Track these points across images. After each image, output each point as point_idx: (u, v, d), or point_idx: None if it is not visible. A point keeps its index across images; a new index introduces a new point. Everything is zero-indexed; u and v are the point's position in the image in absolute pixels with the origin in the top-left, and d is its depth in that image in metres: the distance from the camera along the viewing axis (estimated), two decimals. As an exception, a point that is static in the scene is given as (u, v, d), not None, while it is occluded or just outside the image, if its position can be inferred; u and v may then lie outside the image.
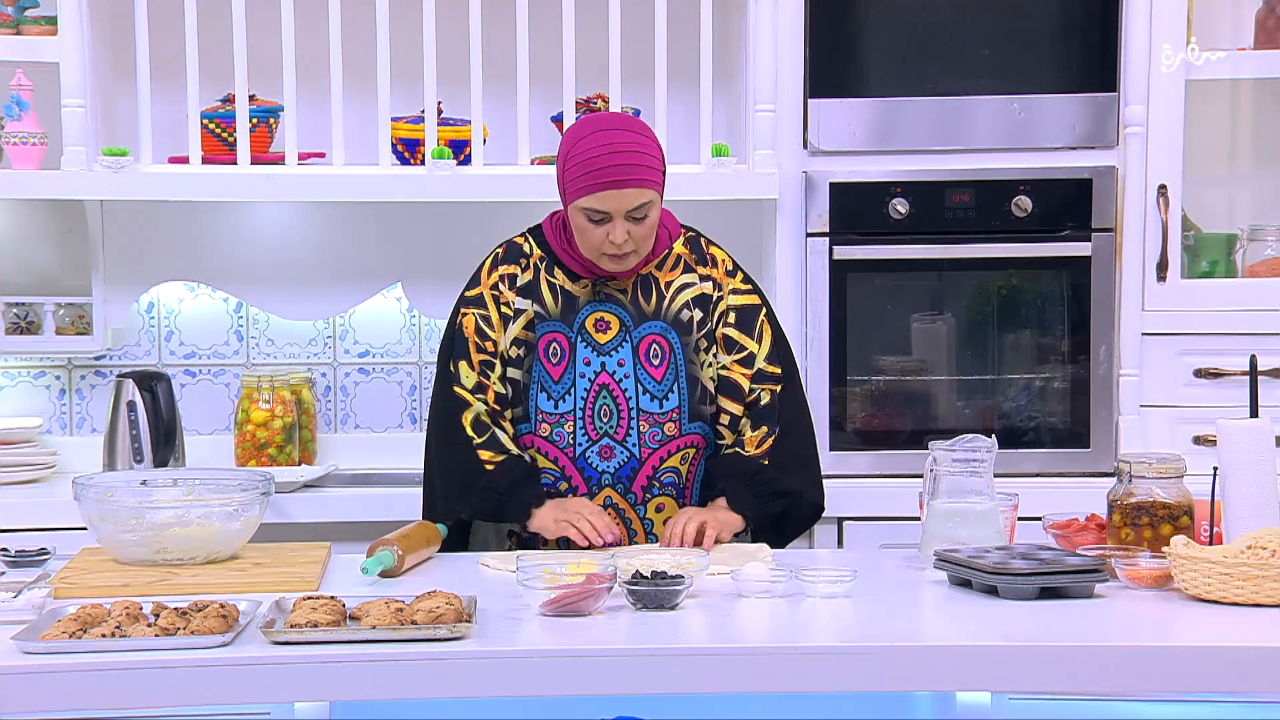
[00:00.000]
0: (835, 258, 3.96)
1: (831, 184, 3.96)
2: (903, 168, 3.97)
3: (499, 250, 3.26)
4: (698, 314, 3.22)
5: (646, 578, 2.60)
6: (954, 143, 3.97)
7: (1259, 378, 2.92)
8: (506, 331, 3.19)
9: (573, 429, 3.17)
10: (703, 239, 3.29)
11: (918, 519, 3.05)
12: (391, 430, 4.41)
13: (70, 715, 2.31)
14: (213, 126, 4.05)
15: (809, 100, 3.96)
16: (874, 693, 2.48)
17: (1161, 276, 3.96)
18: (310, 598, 2.49)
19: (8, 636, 2.38)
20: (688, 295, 3.22)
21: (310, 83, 4.09)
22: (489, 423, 3.17)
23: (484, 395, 3.18)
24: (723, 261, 3.27)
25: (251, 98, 4.05)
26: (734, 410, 3.23)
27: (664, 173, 3.13)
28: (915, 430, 3.97)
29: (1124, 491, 2.91)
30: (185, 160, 4.00)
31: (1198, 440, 3.92)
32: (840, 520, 3.85)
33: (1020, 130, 3.96)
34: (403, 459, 4.31)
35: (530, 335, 3.18)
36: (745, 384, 3.22)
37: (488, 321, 3.19)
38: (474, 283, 3.24)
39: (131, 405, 4.05)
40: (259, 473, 3.24)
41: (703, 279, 3.23)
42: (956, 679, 2.40)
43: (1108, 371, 3.98)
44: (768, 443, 3.21)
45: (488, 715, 2.52)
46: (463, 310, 3.22)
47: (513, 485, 3.12)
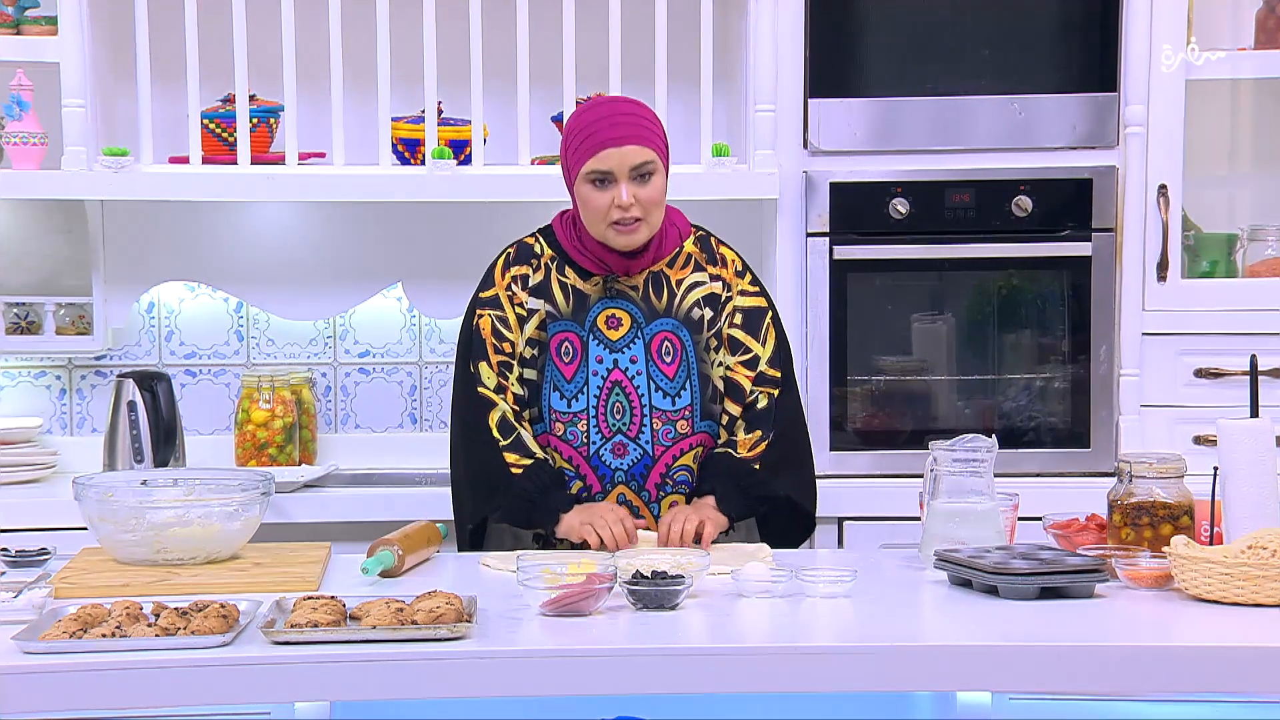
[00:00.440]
0: (835, 258, 3.96)
1: (831, 184, 3.96)
2: (903, 168, 3.97)
3: (510, 251, 3.25)
4: (708, 313, 3.21)
5: (646, 578, 2.60)
6: (954, 143, 3.96)
7: (1259, 378, 2.92)
8: (522, 332, 3.19)
9: (586, 427, 3.16)
10: (713, 238, 3.29)
11: (918, 519, 3.05)
12: (391, 430, 4.41)
13: (70, 715, 2.31)
14: (213, 126, 4.05)
15: (809, 100, 3.95)
16: (874, 693, 2.48)
17: (1162, 276, 3.96)
18: (310, 598, 2.49)
19: (8, 636, 2.38)
20: (698, 294, 3.21)
21: (310, 83, 4.09)
22: (514, 424, 3.16)
23: (504, 396, 3.17)
24: (733, 262, 3.27)
25: (252, 98, 4.05)
26: (733, 411, 3.22)
27: (666, 145, 3.13)
28: (915, 430, 3.97)
29: (1124, 491, 2.90)
30: (185, 160, 4.00)
31: (1198, 440, 3.91)
32: (840, 520, 3.85)
33: (1020, 130, 3.96)
34: (403, 459, 4.31)
35: (543, 335, 3.18)
36: (747, 385, 3.22)
37: (504, 323, 3.19)
38: (487, 284, 3.23)
39: (132, 405, 4.04)
40: (259, 473, 3.24)
41: (713, 278, 3.23)
42: (956, 679, 2.40)
43: (1108, 371, 3.97)
44: (760, 446, 3.20)
45: (488, 715, 2.52)
46: (479, 312, 3.21)
47: (541, 491, 3.11)
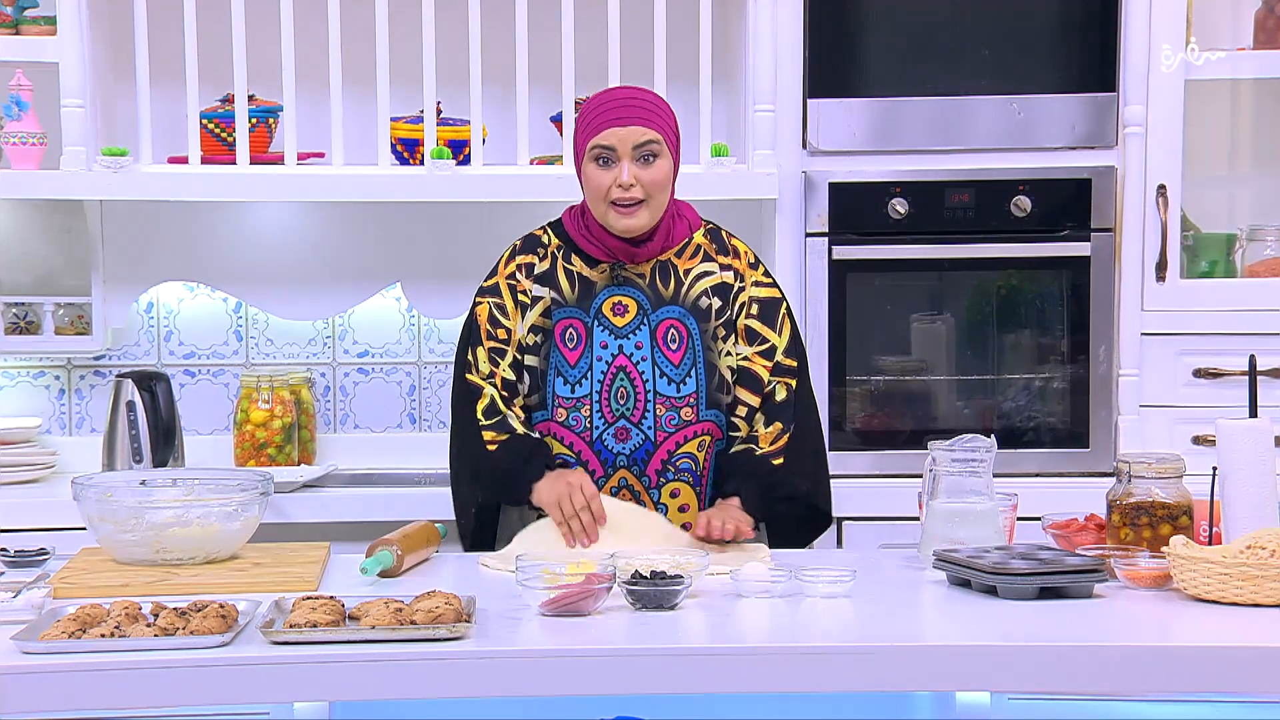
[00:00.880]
0: (835, 258, 3.96)
1: (831, 184, 3.96)
2: (902, 168, 3.97)
3: (517, 242, 3.28)
4: (716, 302, 3.21)
5: (646, 578, 2.60)
6: (954, 143, 3.96)
7: (1258, 378, 2.91)
8: (524, 319, 3.20)
9: (589, 412, 3.17)
10: (724, 231, 3.30)
11: (917, 519, 3.05)
12: (391, 430, 4.41)
13: (70, 715, 2.31)
14: (212, 126, 4.05)
15: (808, 100, 3.95)
16: (874, 693, 2.48)
17: (1161, 276, 3.96)
18: (310, 598, 2.49)
19: (7, 636, 2.38)
20: (707, 283, 3.22)
21: (310, 83, 4.08)
22: (500, 408, 3.18)
23: (493, 381, 3.19)
24: (745, 254, 3.28)
25: (251, 98, 4.05)
26: (752, 402, 3.22)
27: (676, 135, 3.14)
28: (915, 430, 3.97)
29: (1123, 491, 2.90)
30: (185, 160, 4.00)
31: (1197, 440, 3.91)
32: (840, 520, 3.85)
33: (1020, 130, 3.96)
34: (402, 459, 4.32)
35: (547, 322, 3.19)
36: (765, 375, 3.22)
37: (502, 310, 3.20)
38: (491, 274, 3.26)
39: (131, 405, 4.04)
40: (258, 473, 3.24)
41: (723, 269, 3.23)
42: (956, 679, 2.40)
43: (1107, 371, 3.98)
44: (782, 440, 3.21)
45: (488, 715, 2.52)
46: (478, 300, 3.24)
47: (518, 463, 3.13)
